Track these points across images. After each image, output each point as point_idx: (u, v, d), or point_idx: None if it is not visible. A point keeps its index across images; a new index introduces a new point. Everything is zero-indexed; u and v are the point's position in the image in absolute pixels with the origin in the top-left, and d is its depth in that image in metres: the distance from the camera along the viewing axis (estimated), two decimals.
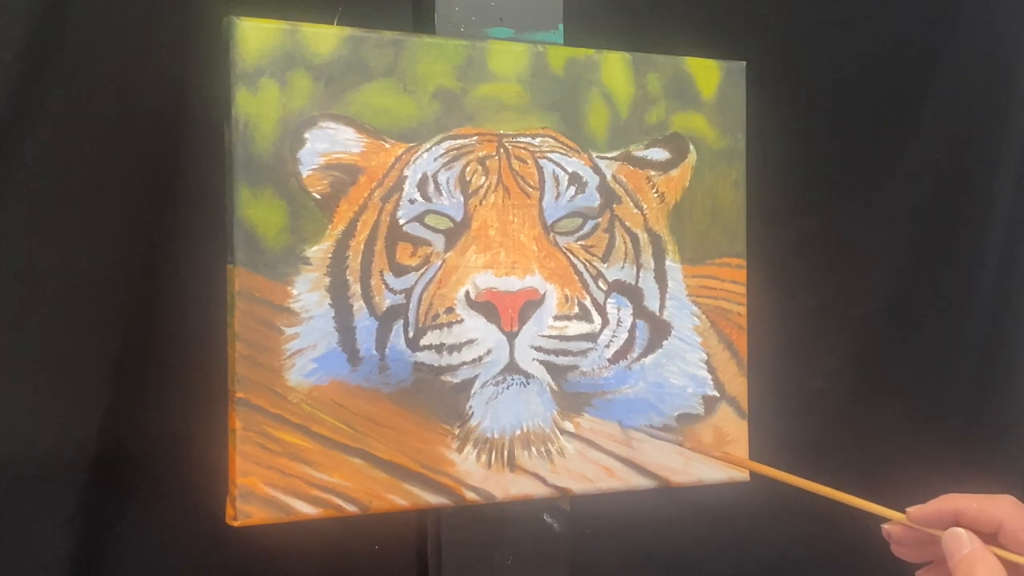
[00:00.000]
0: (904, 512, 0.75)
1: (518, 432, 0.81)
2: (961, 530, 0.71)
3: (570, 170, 0.83)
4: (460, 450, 0.79)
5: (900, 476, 1.20)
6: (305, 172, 0.75)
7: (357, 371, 0.77)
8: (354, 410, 0.76)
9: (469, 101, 0.80)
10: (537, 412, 0.82)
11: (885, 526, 0.76)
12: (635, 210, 0.85)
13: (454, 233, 0.79)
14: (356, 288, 0.77)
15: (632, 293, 0.85)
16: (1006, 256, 1.24)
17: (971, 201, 1.23)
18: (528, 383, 0.81)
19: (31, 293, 0.87)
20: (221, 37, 0.74)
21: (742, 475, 0.89)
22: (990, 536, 0.71)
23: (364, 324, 0.77)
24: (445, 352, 0.79)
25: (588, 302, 0.83)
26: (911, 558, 0.76)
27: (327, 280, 0.76)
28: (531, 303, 0.81)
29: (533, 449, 0.82)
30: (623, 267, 0.85)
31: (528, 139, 0.82)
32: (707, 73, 0.88)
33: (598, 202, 0.84)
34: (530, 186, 0.82)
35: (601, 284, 0.84)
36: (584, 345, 0.83)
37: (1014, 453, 1.25)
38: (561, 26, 0.85)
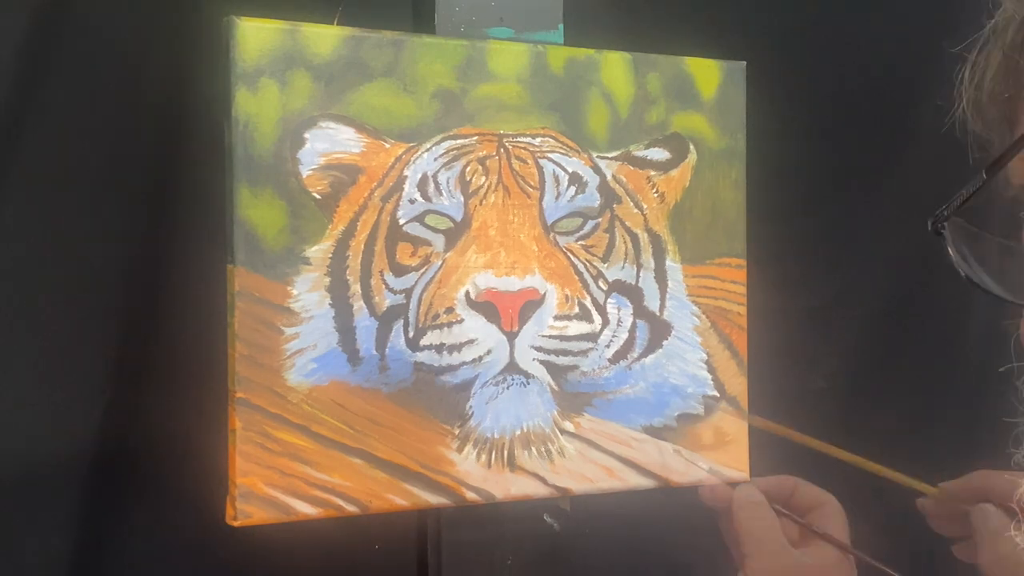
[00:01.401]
0: (937, 487, 0.77)
1: (518, 432, 0.81)
2: (989, 506, 0.73)
3: (570, 170, 0.83)
4: (460, 450, 0.79)
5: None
6: (305, 172, 0.75)
7: (357, 371, 0.77)
8: (354, 410, 0.76)
9: (469, 101, 0.80)
10: (537, 412, 0.81)
11: (919, 500, 0.79)
12: (635, 210, 0.85)
13: (454, 233, 0.79)
14: (356, 288, 0.77)
15: (632, 293, 0.85)
16: None
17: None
18: (528, 383, 0.81)
19: (31, 293, 0.86)
20: (221, 37, 0.74)
21: (742, 475, 0.89)
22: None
23: (364, 324, 0.77)
24: (445, 352, 0.79)
25: (588, 302, 0.83)
26: (948, 532, 0.78)
27: (327, 280, 0.76)
28: (531, 303, 0.81)
29: (533, 449, 0.82)
30: (623, 267, 0.85)
31: (528, 139, 0.82)
32: (707, 73, 0.88)
33: (598, 202, 0.84)
34: (530, 186, 0.82)
35: (601, 284, 0.84)
36: (584, 345, 0.83)
37: (1014, 453, 1.25)
38: (561, 26, 0.85)
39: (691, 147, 0.87)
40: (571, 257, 0.83)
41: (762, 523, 0.76)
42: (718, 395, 0.88)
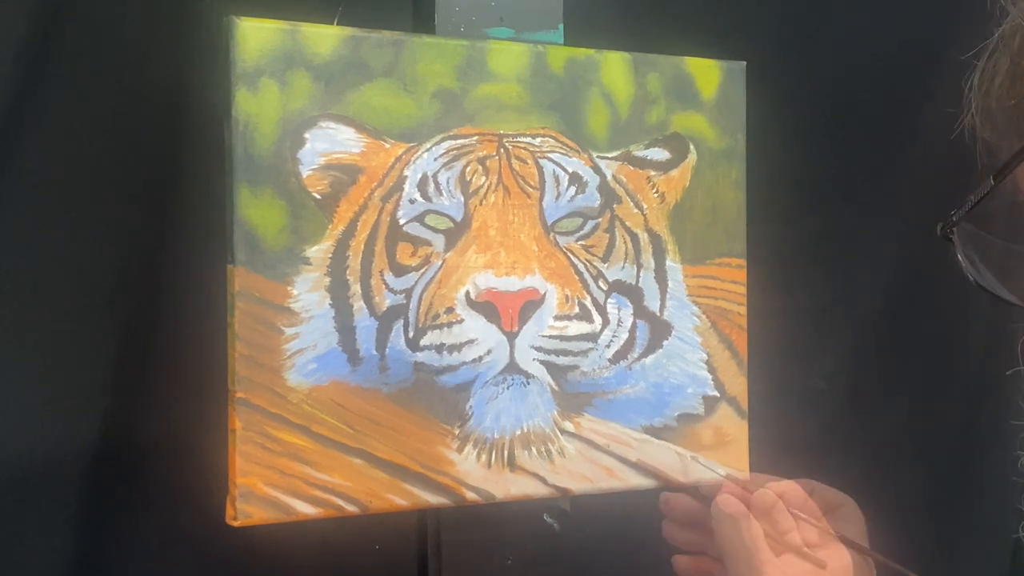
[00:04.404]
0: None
1: (518, 432, 0.81)
2: (731, 496, 0.80)
3: (570, 170, 0.83)
4: (460, 450, 0.79)
5: (899, 476, 1.21)
6: (305, 172, 0.75)
7: (357, 371, 0.77)
8: (354, 410, 0.76)
9: (469, 101, 0.80)
10: (537, 412, 0.81)
11: (664, 494, 0.81)
12: (635, 210, 0.85)
13: (454, 233, 0.79)
14: (356, 288, 0.77)
15: (632, 293, 0.85)
16: None
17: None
18: (528, 383, 0.81)
19: (31, 293, 0.86)
20: (221, 37, 0.74)
21: (742, 475, 0.89)
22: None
23: (364, 324, 0.77)
24: (445, 352, 0.79)
25: (588, 302, 0.83)
26: (679, 538, 0.81)
27: (327, 280, 0.76)
28: (531, 303, 0.81)
29: (533, 449, 0.82)
30: (623, 267, 0.85)
31: (528, 139, 0.82)
32: (707, 73, 0.88)
33: (598, 202, 0.84)
34: (530, 186, 0.82)
35: (601, 284, 0.84)
36: (584, 345, 0.83)
37: (1012, 453, 1.25)
38: (561, 26, 0.85)
39: (691, 147, 0.87)
40: (571, 257, 0.83)
41: (746, 535, 0.76)
42: (718, 395, 0.88)
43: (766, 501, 0.79)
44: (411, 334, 0.78)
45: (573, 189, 0.83)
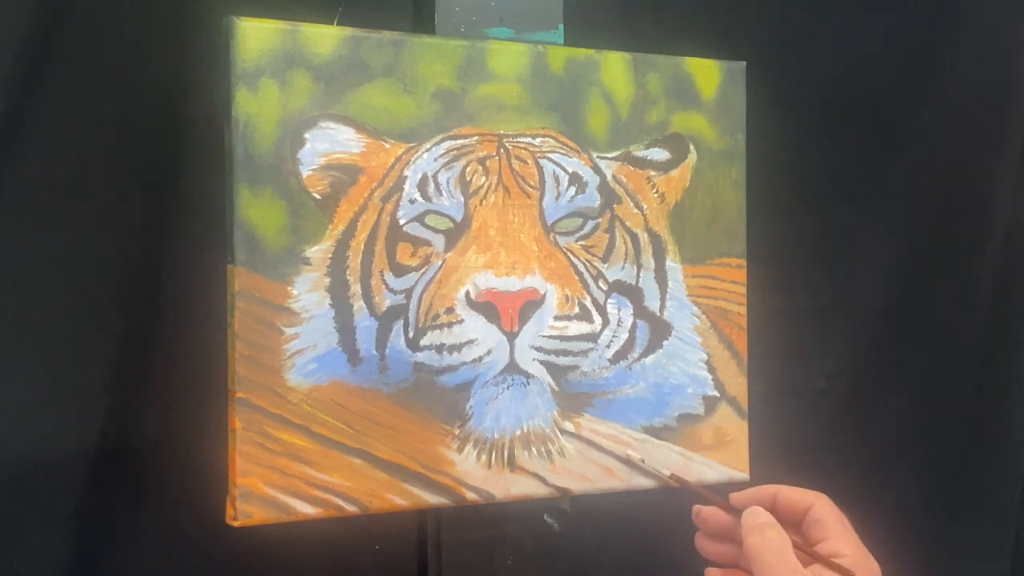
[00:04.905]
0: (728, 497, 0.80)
1: (518, 432, 0.81)
2: (759, 507, 0.78)
3: (570, 170, 0.83)
4: (460, 450, 0.79)
5: (899, 476, 1.21)
6: (305, 172, 0.75)
7: (357, 371, 0.77)
8: (354, 410, 0.76)
9: (469, 101, 0.80)
10: (537, 412, 0.81)
11: (696, 506, 0.81)
12: (635, 210, 0.85)
13: (454, 233, 0.79)
14: (356, 288, 0.77)
15: (632, 293, 0.85)
16: (1006, 256, 1.24)
17: (971, 201, 1.23)
18: (528, 383, 0.81)
19: (31, 293, 0.86)
20: (221, 37, 0.74)
21: (742, 475, 0.89)
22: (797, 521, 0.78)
23: (364, 324, 0.77)
24: (445, 352, 0.79)
25: (588, 302, 0.83)
26: (711, 551, 0.80)
27: (327, 280, 0.76)
28: (531, 303, 0.81)
29: (533, 449, 0.82)
30: (623, 267, 0.85)
31: (528, 139, 0.82)
32: (707, 73, 0.88)
33: (598, 202, 0.84)
34: (530, 186, 0.82)
35: (601, 284, 0.84)
36: (584, 345, 0.83)
37: (1013, 453, 1.25)
38: (561, 26, 0.85)
39: (691, 147, 0.87)
40: (571, 257, 0.83)
41: (772, 545, 0.75)
42: (718, 395, 0.88)
43: (757, 515, 0.79)
44: (411, 334, 0.78)
45: (573, 189, 0.83)
